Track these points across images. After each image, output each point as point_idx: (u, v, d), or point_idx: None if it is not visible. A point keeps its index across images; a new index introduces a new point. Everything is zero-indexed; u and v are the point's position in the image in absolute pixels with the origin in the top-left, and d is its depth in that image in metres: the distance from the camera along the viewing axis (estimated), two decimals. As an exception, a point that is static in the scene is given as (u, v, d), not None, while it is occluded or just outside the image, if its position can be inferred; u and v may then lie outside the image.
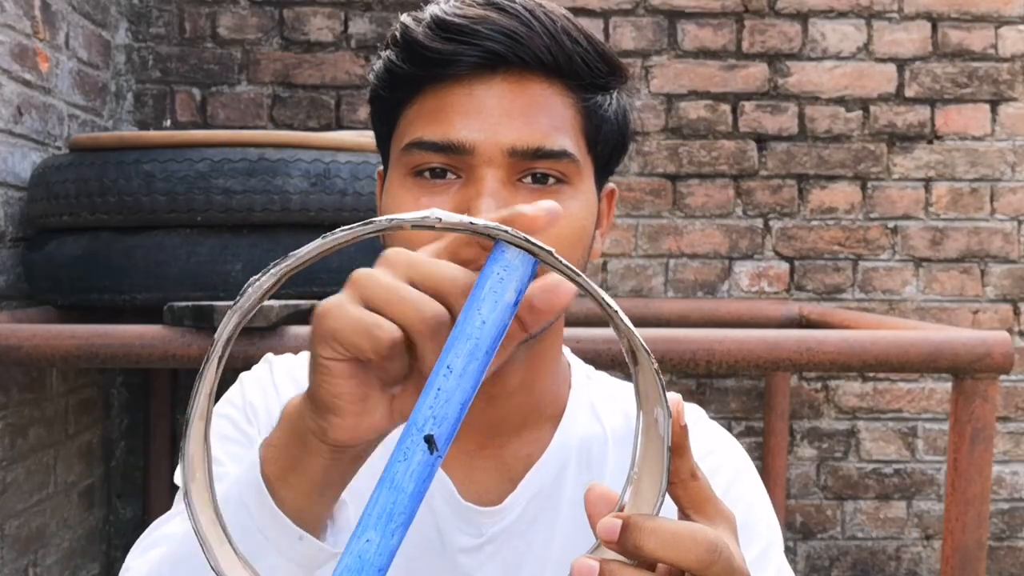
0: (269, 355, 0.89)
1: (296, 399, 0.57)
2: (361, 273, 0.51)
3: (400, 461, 0.45)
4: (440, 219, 0.45)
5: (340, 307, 0.50)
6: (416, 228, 0.47)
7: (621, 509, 0.51)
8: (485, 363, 0.46)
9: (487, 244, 0.48)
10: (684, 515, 0.52)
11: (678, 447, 0.50)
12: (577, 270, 0.46)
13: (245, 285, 0.48)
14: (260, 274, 0.47)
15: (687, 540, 0.48)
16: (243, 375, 0.87)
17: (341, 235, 0.46)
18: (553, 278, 0.49)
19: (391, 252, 0.52)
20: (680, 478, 0.51)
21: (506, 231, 0.45)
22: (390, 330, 0.49)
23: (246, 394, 0.85)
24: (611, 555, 0.49)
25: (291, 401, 0.57)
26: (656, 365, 0.48)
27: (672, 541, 0.48)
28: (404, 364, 0.51)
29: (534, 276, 0.47)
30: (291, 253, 0.46)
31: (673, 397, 0.50)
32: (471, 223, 0.45)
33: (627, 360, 0.50)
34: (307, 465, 0.55)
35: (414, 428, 0.45)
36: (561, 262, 0.46)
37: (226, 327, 0.48)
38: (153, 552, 0.69)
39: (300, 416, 0.55)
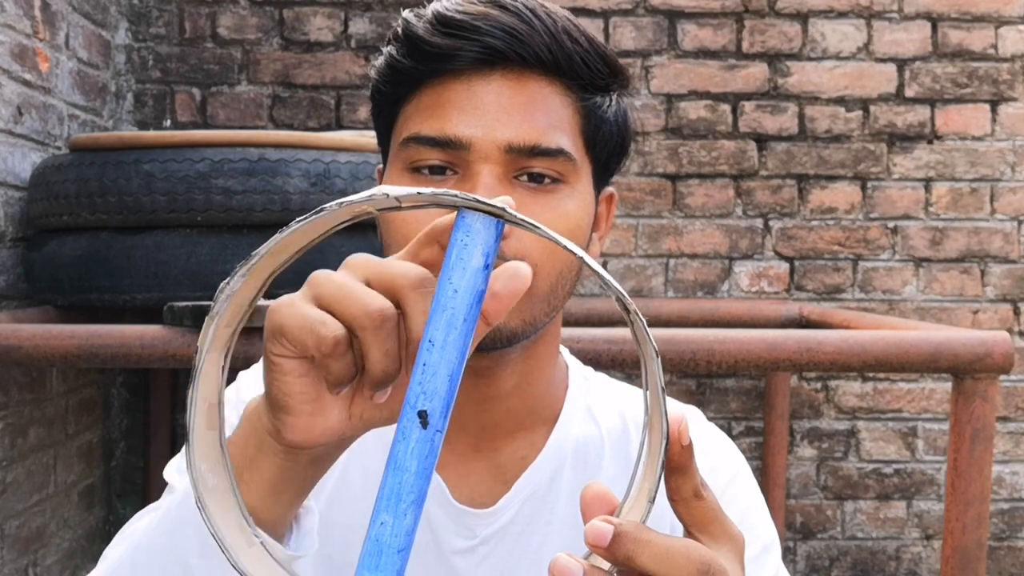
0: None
1: (257, 397, 0.55)
2: (317, 273, 0.50)
3: (400, 441, 0.45)
4: (387, 194, 0.45)
5: (290, 304, 0.50)
6: (358, 208, 0.47)
7: (620, 509, 0.49)
8: (465, 332, 0.46)
9: (446, 243, 0.48)
10: (688, 534, 0.50)
11: (680, 466, 0.48)
12: (537, 223, 0.46)
13: (216, 291, 0.47)
14: (228, 278, 0.47)
15: (680, 556, 0.46)
16: (241, 373, 0.87)
17: (295, 227, 0.46)
18: (510, 265, 0.48)
19: (352, 256, 0.51)
20: (682, 496, 0.49)
21: (455, 195, 0.45)
22: (333, 327, 0.48)
23: (241, 392, 0.84)
24: (602, 561, 0.47)
25: (252, 399, 0.56)
26: (634, 311, 0.46)
27: (665, 556, 0.46)
28: (349, 364, 0.49)
29: (500, 238, 0.47)
30: (254, 252, 0.46)
31: (675, 415, 0.48)
32: (419, 192, 0.45)
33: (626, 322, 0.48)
34: (262, 465, 0.54)
35: (408, 406, 0.45)
36: (518, 217, 0.45)
37: (205, 335, 0.48)
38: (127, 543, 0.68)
39: (258, 415, 0.54)
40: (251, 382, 0.85)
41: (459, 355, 0.45)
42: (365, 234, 1.77)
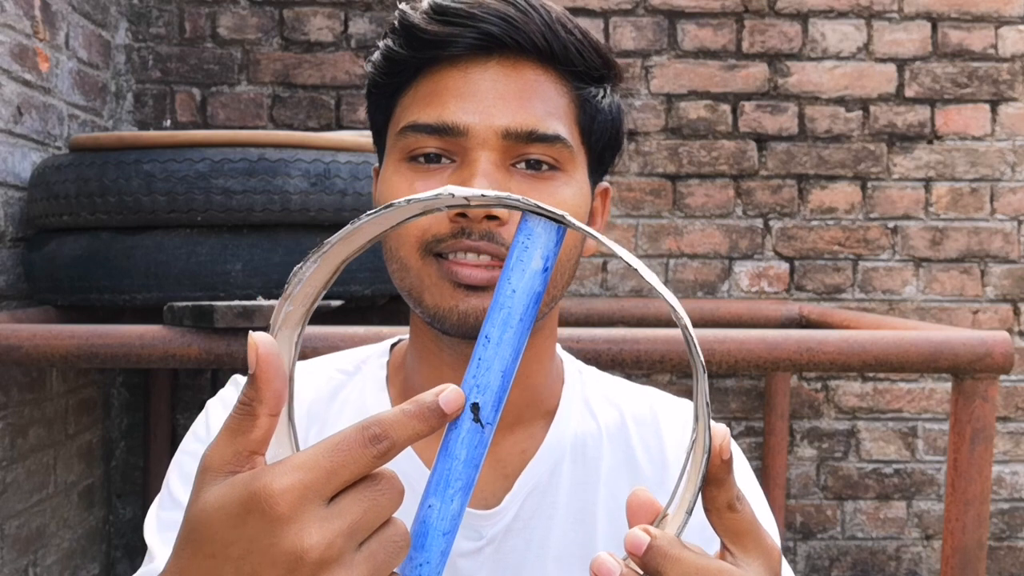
0: (236, 376, 0.87)
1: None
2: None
3: (452, 430, 0.47)
4: (453, 194, 0.46)
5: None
6: (426, 204, 0.47)
7: (664, 517, 0.51)
8: (521, 330, 0.47)
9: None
10: (722, 545, 0.52)
11: (717, 478, 0.50)
12: (595, 232, 0.47)
13: (290, 275, 0.49)
14: (301, 263, 0.48)
15: None
16: (209, 403, 0.85)
17: (365, 219, 0.47)
18: None
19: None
20: (716, 507, 0.51)
21: (518, 200, 0.46)
22: None
23: (211, 425, 0.82)
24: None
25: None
26: (687, 325, 0.47)
27: (694, 575, 0.47)
28: None
29: (560, 243, 0.48)
30: (326, 240, 0.47)
31: (719, 430, 0.49)
32: (483, 195, 0.46)
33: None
34: None
35: None
36: (577, 224, 0.47)
37: (277, 315, 0.49)
38: None
39: None
40: (221, 413, 0.83)
41: (513, 353, 0.47)
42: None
